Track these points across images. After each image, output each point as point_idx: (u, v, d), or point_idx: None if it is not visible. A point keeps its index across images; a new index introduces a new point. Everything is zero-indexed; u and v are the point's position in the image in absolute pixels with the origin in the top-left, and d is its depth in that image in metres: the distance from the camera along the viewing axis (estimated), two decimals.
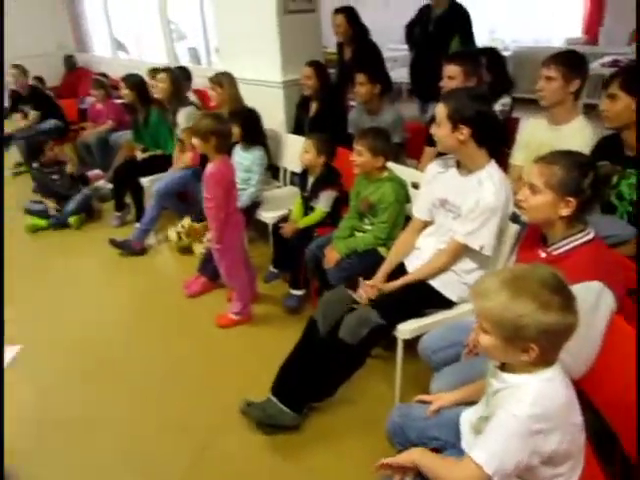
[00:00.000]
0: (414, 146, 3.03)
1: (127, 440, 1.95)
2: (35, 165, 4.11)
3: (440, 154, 2.30)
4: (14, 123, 5.01)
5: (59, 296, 3.00)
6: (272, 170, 3.42)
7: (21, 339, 2.52)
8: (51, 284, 3.15)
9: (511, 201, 1.74)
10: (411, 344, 1.83)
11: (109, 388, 2.22)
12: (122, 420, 2.05)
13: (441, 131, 1.74)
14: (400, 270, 1.96)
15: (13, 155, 5.20)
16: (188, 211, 3.37)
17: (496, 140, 1.80)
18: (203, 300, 2.83)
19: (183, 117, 3.35)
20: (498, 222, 1.71)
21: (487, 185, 1.70)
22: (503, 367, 1.09)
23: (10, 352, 2.41)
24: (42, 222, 3.82)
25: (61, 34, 6.90)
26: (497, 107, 2.77)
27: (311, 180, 2.66)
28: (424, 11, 3.78)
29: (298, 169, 3.04)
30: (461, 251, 1.81)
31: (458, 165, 1.84)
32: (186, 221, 3.27)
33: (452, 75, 2.46)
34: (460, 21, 3.59)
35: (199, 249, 3.21)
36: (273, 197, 3.13)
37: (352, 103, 3.64)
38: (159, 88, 3.40)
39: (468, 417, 1.26)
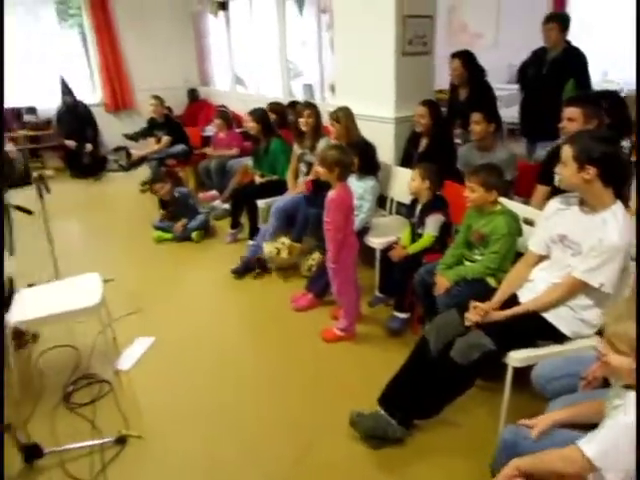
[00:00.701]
0: (522, 184, 3.08)
1: (239, 430, 2.16)
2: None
3: (554, 193, 2.36)
4: (149, 146, 5.71)
5: (182, 298, 3.36)
6: (379, 199, 3.61)
7: (154, 332, 2.87)
8: (176, 287, 3.53)
9: (634, 240, 1.75)
10: (518, 375, 1.88)
11: (224, 383, 2.47)
12: (234, 412, 2.27)
13: (567, 171, 1.81)
14: (511, 301, 2.02)
15: (143, 173, 5.90)
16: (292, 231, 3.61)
17: (623, 181, 1.83)
18: (309, 315, 3.03)
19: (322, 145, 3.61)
20: (621, 261, 1.73)
21: (612, 224, 1.74)
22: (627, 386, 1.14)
23: (146, 342, 2.77)
24: (167, 235, 4.29)
25: (187, 70, 7.76)
26: None
27: (419, 208, 2.79)
28: (538, 53, 3.84)
29: (405, 200, 3.20)
30: (578, 287, 1.83)
31: (581, 203, 1.89)
32: (285, 239, 3.47)
33: (573, 117, 2.50)
34: (576, 64, 3.60)
35: (305, 268, 3.43)
36: (380, 224, 3.29)
37: (457, 140, 3.76)
38: (305, 122, 3.70)
39: None
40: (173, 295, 3.41)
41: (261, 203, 3.91)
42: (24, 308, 2.35)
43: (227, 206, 4.57)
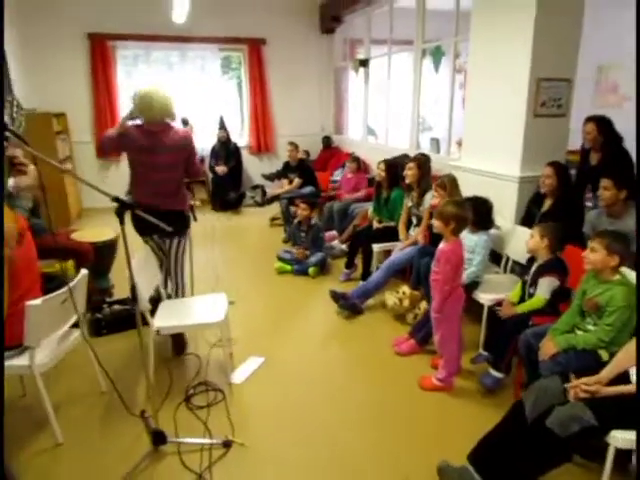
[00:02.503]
0: None
1: (332, 453, 2.31)
2: (292, 220, 5.12)
3: None
4: (282, 186, 6.30)
5: (294, 326, 3.65)
6: (494, 256, 3.59)
7: (265, 353, 3.18)
8: (289, 315, 3.84)
9: None
10: (618, 457, 1.77)
11: (324, 408, 2.65)
12: (330, 436, 2.43)
13: None
14: (622, 377, 1.92)
15: (274, 210, 6.49)
16: (407, 279, 3.75)
17: None
18: (410, 360, 3.10)
19: (428, 198, 3.83)
20: None
21: None
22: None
23: (258, 361, 3.08)
24: (288, 267, 4.68)
25: (325, 119, 8.43)
26: None
27: (534, 267, 2.76)
28: None
29: (521, 259, 3.16)
30: None
31: None
32: (405, 288, 3.63)
33: None
34: None
35: (411, 316, 3.53)
36: (491, 281, 3.28)
37: (588, 204, 3.62)
38: (409, 173, 3.97)
39: None
40: (286, 322, 3.71)
41: (376, 247, 4.12)
42: (164, 316, 2.80)
43: (345, 247, 4.87)
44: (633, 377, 1.90)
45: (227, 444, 2.34)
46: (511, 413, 2.05)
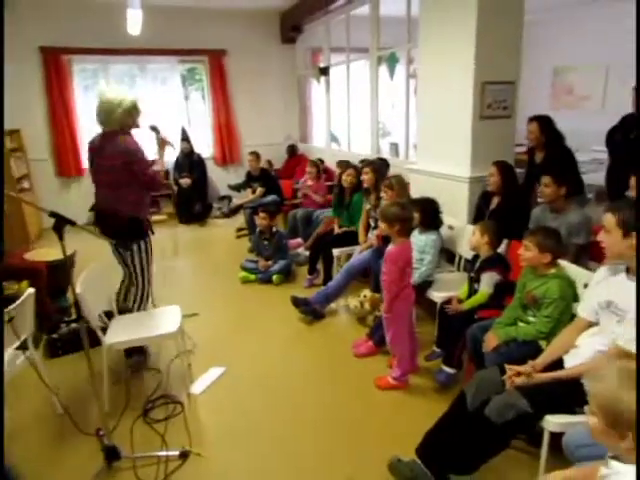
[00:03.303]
0: (597, 249, 2.99)
1: (290, 459, 2.34)
2: (255, 230, 5.14)
3: None
4: (247, 196, 6.32)
5: (256, 335, 3.65)
6: (448, 255, 3.69)
7: (227, 363, 3.20)
8: (251, 325, 3.84)
9: None
10: (558, 441, 1.84)
11: (282, 415, 2.67)
12: (288, 442, 2.45)
13: (610, 238, 1.83)
14: (557, 365, 2.00)
15: (240, 220, 6.50)
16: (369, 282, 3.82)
17: None
18: (367, 361, 3.16)
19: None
20: None
21: None
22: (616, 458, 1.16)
23: (218, 371, 3.09)
24: (252, 276, 4.70)
25: (289, 128, 8.49)
26: None
27: (478, 263, 2.85)
28: (628, 119, 3.76)
29: (470, 256, 3.26)
30: (623, 356, 1.79)
31: (627, 270, 1.87)
32: (367, 291, 3.69)
33: None
34: None
35: (370, 318, 3.59)
36: (445, 279, 3.37)
37: (540, 200, 3.75)
38: (365, 178, 4.06)
39: None
40: (248, 331, 3.72)
41: (336, 252, 4.17)
42: (116, 331, 2.79)
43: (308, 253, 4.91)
44: (567, 364, 1.98)
45: (184, 455, 2.34)
46: (454, 405, 2.11)
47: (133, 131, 2.96)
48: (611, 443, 1.14)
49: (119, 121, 2.83)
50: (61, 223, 1.89)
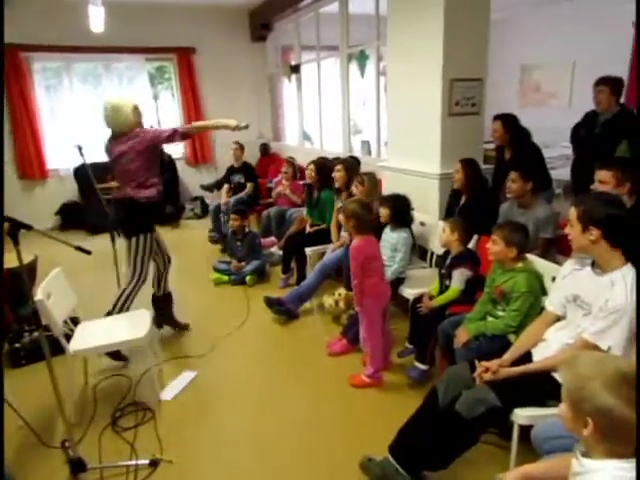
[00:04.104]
0: (565, 242, 3.04)
1: (263, 461, 2.32)
2: (227, 231, 5.07)
3: None
4: (221, 193, 6.20)
5: (228, 338, 3.59)
6: (420, 251, 3.70)
7: (198, 367, 3.14)
8: (223, 327, 3.78)
9: None
10: (529, 434, 1.86)
11: (253, 417, 2.63)
12: (259, 443, 2.43)
13: (573, 232, 1.86)
14: (526, 359, 2.02)
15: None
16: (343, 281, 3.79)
17: (632, 243, 1.82)
18: (342, 360, 3.14)
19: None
20: (628, 323, 1.72)
21: (619, 286, 1.74)
22: (585, 453, 1.17)
23: (189, 376, 3.02)
24: (225, 278, 4.63)
25: (262, 126, 8.42)
26: None
27: (448, 260, 2.87)
28: (590, 115, 3.84)
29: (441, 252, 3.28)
30: (588, 349, 1.82)
31: (593, 264, 1.90)
32: (342, 289, 3.66)
33: (603, 180, 2.51)
34: (629, 127, 3.55)
35: (345, 317, 3.57)
36: (417, 276, 3.38)
37: (508, 196, 3.79)
38: (337, 175, 4.03)
39: None
40: (220, 333, 3.65)
41: (309, 250, 4.15)
42: (82, 338, 2.70)
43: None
44: (535, 357, 2.01)
45: (154, 463, 2.28)
46: (426, 401, 2.11)
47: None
48: (575, 430, 1.15)
49: (126, 123, 3.15)
50: (16, 228, 1.81)
